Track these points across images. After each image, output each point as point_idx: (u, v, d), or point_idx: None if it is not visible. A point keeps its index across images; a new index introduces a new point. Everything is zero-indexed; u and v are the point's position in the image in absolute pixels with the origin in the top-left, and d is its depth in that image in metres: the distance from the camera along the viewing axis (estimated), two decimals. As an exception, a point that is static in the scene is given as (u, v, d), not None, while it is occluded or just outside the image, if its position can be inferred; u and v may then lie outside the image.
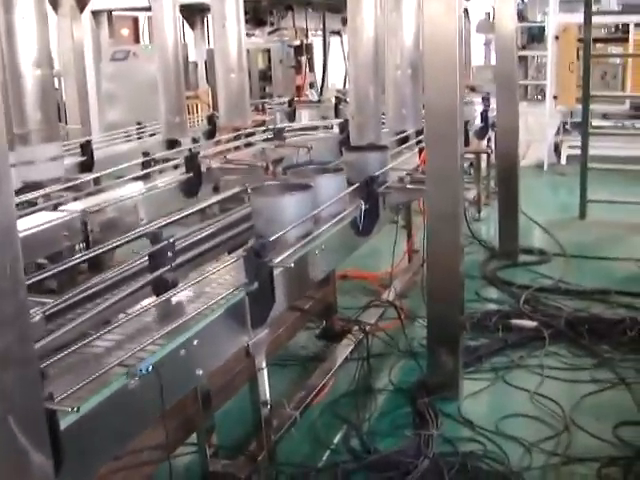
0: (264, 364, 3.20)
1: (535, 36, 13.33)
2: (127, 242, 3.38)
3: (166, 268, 2.84)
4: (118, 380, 2.14)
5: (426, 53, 4.02)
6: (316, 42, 13.25)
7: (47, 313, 2.43)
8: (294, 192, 3.62)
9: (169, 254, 2.88)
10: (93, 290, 2.69)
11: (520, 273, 6.41)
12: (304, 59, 12.57)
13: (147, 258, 2.90)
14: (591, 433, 3.85)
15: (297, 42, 12.59)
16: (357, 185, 4.11)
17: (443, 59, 3.93)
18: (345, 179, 4.15)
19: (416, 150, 5.44)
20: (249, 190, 3.83)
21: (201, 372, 2.58)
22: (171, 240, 2.92)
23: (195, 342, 2.50)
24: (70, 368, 2.15)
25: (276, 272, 2.97)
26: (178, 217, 3.82)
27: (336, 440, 3.90)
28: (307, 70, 12.65)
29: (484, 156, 8.18)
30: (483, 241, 7.17)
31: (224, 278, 3.01)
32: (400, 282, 5.81)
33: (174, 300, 2.76)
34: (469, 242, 6.57)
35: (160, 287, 2.80)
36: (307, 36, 12.91)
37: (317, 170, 4.25)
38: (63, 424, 1.89)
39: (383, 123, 5.97)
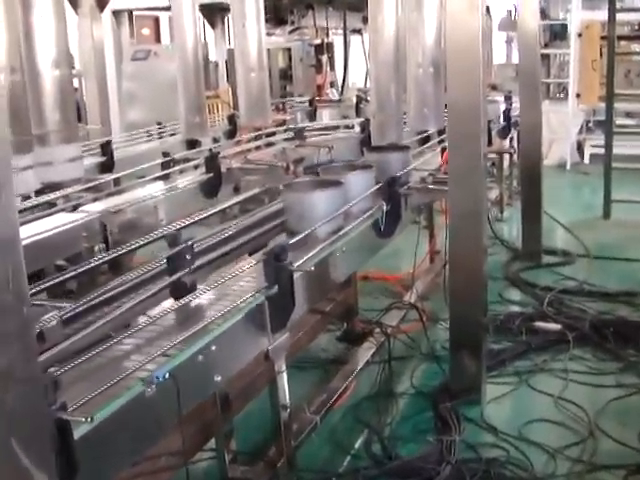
0: (284, 367, 3.14)
1: (558, 34, 13.18)
2: (146, 244, 3.35)
3: (184, 271, 2.80)
4: (134, 388, 2.09)
5: (448, 51, 3.97)
6: (337, 41, 13.25)
7: (64, 318, 2.39)
8: (328, 188, 3.61)
9: (187, 257, 2.84)
10: (110, 294, 2.66)
11: (544, 274, 6.32)
12: (325, 58, 12.57)
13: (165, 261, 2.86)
14: (617, 439, 3.77)
15: (318, 41, 12.59)
16: (379, 186, 4.07)
17: (466, 57, 3.87)
18: (374, 176, 4.12)
19: (438, 150, 5.38)
20: (281, 187, 3.79)
21: (219, 378, 2.53)
22: (189, 243, 2.88)
23: (213, 348, 2.46)
24: (85, 375, 2.11)
25: (296, 275, 2.92)
26: (198, 218, 3.78)
27: (357, 445, 3.85)
28: (328, 69, 12.64)
29: (507, 155, 8.11)
30: (506, 242, 7.10)
31: (243, 281, 2.97)
32: (422, 283, 5.76)
33: (192, 304, 2.71)
34: (492, 243, 6.47)
35: (178, 290, 2.76)
36: (328, 35, 12.93)
37: (347, 167, 4.22)
38: (77, 434, 1.85)
39: (404, 122, 5.92)
